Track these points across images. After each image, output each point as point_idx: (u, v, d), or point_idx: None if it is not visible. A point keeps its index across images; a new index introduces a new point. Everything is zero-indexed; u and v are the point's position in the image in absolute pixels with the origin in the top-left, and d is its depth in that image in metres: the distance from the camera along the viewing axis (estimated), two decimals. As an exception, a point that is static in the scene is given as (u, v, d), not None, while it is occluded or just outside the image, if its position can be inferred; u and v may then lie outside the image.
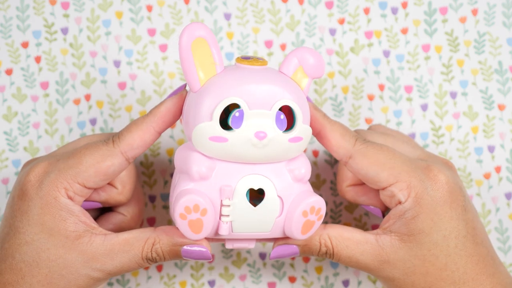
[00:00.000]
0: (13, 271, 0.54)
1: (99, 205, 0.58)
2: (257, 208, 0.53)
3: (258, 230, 0.54)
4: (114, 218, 0.60)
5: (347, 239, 0.55)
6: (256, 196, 0.54)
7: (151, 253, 0.54)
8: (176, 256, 0.54)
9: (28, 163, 0.59)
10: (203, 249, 0.54)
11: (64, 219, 0.54)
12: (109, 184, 0.57)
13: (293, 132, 0.52)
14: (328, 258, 0.56)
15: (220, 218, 0.53)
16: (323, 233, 0.55)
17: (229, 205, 0.52)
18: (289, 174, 0.54)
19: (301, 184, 0.54)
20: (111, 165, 0.54)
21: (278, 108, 0.52)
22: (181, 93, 0.54)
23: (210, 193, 0.53)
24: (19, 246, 0.54)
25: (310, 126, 0.55)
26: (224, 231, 0.53)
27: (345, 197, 0.60)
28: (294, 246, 0.55)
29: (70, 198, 0.54)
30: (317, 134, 0.56)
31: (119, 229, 0.60)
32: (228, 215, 0.53)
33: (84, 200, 0.56)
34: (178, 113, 0.54)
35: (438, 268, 0.55)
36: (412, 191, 0.54)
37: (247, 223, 0.53)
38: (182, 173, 0.54)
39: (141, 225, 0.66)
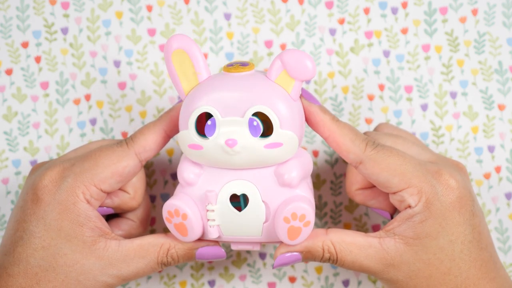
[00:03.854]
0: (28, 275, 0.54)
1: (112, 211, 0.58)
2: (242, 213, 0.54)
3: (248, 234, 0.54)
4: (124, 224, 0.60)
5: (350, 244, 0.55)
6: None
7: (167, 258, 0.55)
8: (191, 258, 0.56)
9: (37, 167, 0.59)
10: (217, 248, 0.55)
11: (81, 224, 0.55)
12: (121, 189, 0.58)
13: (269, 139, 0.52)
14: (331, 263, 0.55)
15: (207, 222, 0.54)
16: (325, 239, 0.55)
17: (213, 210, 0.53)
18: (278, 178, 0.54)
19: (290, 189, 0.54)
20: (126, 165, 0.55)
21: (251, 115, 0.52)
22: None
23: (196, 198, 0.54)
24: (34, 251, 0.54)
25: (319, 130, 0.55)
26: (212, 235, 0.54)
27: (354, 200, 0.59)
28: (296, 253, 0.55)
29: (88, 202, 0.55)
30: (326, 138, 0.55)
31: (128, 235, 0.60)
32: (213, 219, 0.54)
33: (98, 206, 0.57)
34: None
35: (442, 272, 0.54)
36: (423, 196, 0.54)
37: (234, 228, 0.54)
38: None
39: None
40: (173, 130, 0.56)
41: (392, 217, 0.59)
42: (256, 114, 0.52)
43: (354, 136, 0.55)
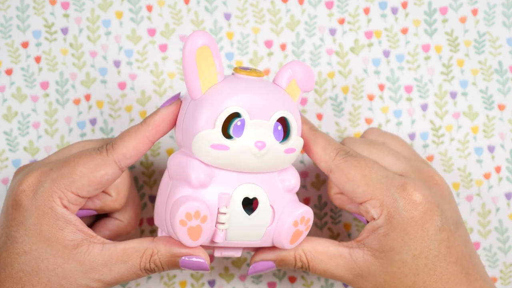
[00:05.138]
0: (13, 280, 0.54)
1: (94, 213, 0.58)
2: (252, 217, 0.54)
3: (250, 239, 0.54)
4: (111, 224, 0.60)
5: (321, 253, 0.56)
6: (246, 205, 0.54)
7: (149, 264, 0.54)
8: (174, 266, 0.55)
9: (19, 171, 0.58)
10: (201, 260, 0.54)
11: (61, 228, 0.54)
12: (104, 191, 0.57)
13: (288, 143, 0.54)
14: (305, 270, 0.56)
15: (216, 226, 0.53)
16: (298, 248, 0.56)
17: (225, 213, 0.53)
18: (282, 184, 0.55)
19: (290, 195, 0.55)
20: (104, 174, 0.54)
21: (276, 119, 0.53)
22: (176, 102, 0.54)
23: (207, 201, 0.53)
24: (17, 255, 0.54)
25: None
26: (219, 239, 0.53)
27: (333, 203, 0.60)
28: (270, 262, 0.56)
29: (65, 207, 0.54)
30: (304, 146, 0.57)
31: (116, 235, 0.60)
32: (224, 223, 0.53)
33: (79, 209, 0.56)
34: (173, 123, 0.54)
35: (407, 286, 0.55)
36: (385, 209, 0.55)
37: (241, 232, 0.54)
38: (177, 180, 0.54)
39: (140, 225, 0.66)
40: (156, 135, 0.54)
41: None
42: (278, 119, 0.54)
43: (326, 145, 0.56)
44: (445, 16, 0.67)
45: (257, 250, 0.57)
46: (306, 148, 0.57)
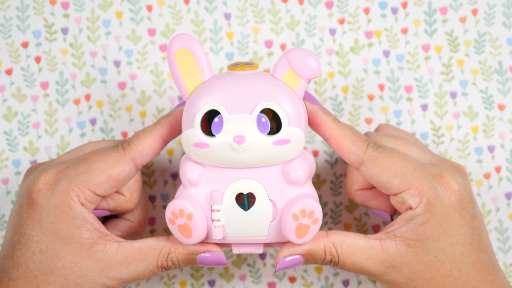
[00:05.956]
0: (28, 279, 0.54)
1: (107, 213, 0.58)
2: (248, 213, 0.53)
3: (254, 235, 0.54)
4: (121, 225, 0.60)
5: (351, 246, 0.55)
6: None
7: (167, 262, 0.55)
8: (191, 263, 0.55)
9: (32, 170, 0.59)
10: (218, 255, 0.54)
11: (78, 226, 0.54)
12: (117, 191, 0.58)
13: (278, 135, 0.52)
14: (332, 265, 0.55)
15: (212, 223, 0.53)
16: (327, 241, 0.55)
17: (218, 210, 0.53)
18: (284, 177, 0.54)
19: (297, 187, 0.54)
20: (121, 171, 0.55)
21: (259, 111, 0.52)
22: None
23: (201, 199, 0.53)
24: (33, 254, 0.54)
25: (320, 131, 0.55)
26: (216, 236, 0.53)
27: (354, 201, 0.59)
28: (298, 256, 0.55)
29: (82, 205, 0.54)
30: (327, 139, 0.55)
31: (126, 235, 0.60)
32: (218, 220, 0.53)
33: (94, 209, 0.56)
34: None
35: (443, 275, 0.54)
36: (424, 197, 0.54)
37: (240, 228, 0.54)
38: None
39: (141, 225, 0.66)
40: (170, 135, 0.55)
41: (392, 218, 0.59)
42: (263, 111, 0.52)
43: (355, 137, 0.55)
44: (445, 16, 0.67)
45: (283, 245, 0.55)
46: (331, 142, 0.55)
